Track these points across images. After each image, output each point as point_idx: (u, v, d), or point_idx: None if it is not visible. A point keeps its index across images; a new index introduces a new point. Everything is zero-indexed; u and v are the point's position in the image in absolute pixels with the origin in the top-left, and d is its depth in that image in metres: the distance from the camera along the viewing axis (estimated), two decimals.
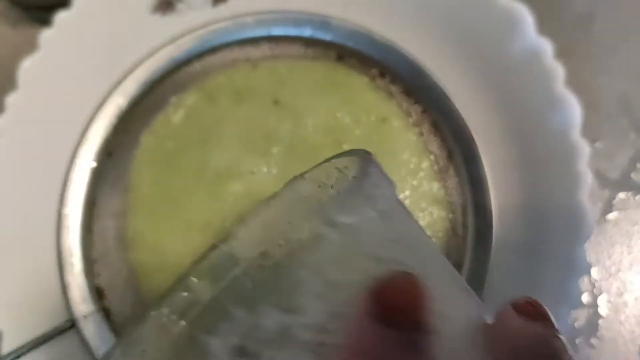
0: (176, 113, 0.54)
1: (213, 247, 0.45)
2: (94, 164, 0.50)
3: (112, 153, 0.52)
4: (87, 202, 0.50)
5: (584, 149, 0.47)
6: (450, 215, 0.51)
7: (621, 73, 0.58)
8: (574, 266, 0.46)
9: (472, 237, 0.48)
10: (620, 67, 0.59)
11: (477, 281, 0.47)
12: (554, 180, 0.48)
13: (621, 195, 0.57)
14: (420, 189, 0.52)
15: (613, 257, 0.55)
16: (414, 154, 0.52)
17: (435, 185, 0.52)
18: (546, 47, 0.49)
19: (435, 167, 0.52)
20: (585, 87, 0.50)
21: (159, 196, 0.53)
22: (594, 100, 0.57)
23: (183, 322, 0.39)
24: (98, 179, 0.51)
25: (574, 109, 0.47)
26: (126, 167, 0.53)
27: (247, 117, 0.54)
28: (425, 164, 0.52)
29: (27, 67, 0.53)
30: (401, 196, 0.51)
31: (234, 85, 0.54)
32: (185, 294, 0.42)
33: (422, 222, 0.51)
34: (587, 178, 0.46)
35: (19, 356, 0.47)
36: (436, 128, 0.51)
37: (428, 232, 0.51)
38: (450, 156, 0.51)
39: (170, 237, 0.52)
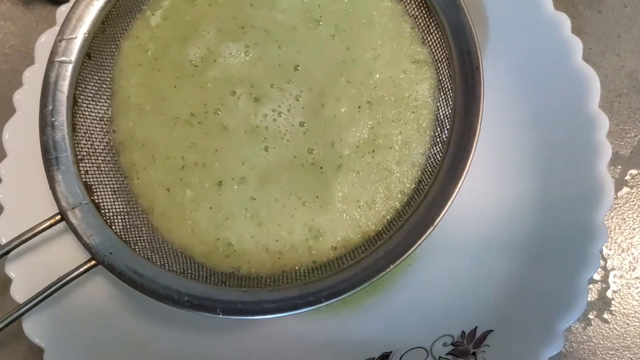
0: (154, 15, 0.50)
1: None
2: (72, 62, 0.45)
3: (91, 55, 0.47)
4: (69, 100, 0.45)
5: (604, 120, 0.44)
6: (436, 72, 0.45)
7: (631, 52, 0.54)
8: (594, 233, 0.43)
9: (460, 85, 0.42)
10: (630, 46, 0.55)
11: (468, 128, 0.41)
12: (573, 151, 0.45)
13: (632, 171, 0.53)
14: (401, 52, 0.46)
15: (625, 233, 0.51)
16: (392, 19, 0.47)
17: (418, 46, 0.46)
18: (564, 20, 0.45)
19: (417, 29, 0.47)
20: (595, 65, 0.47)
21: (144, 97, 0.49)
22: (605, 78, 0.54)
23: None
24: (78, 79, 0.46)
25: (593, 81, 0.44)
26: (109, 73, 0.49)
27: (224, 10, 0.49)
28: (404, 27, 0.47)
29: (44, 42, 0.50)
30: (382, 62, 0.46)
31: None
32: None
33: (405, 83, 0.45)
34: (607, 148, 0.43)
35: (8, 251, 0.43)
36: None
37: (415, 92, 0.45)
38: (430, 13, 0.45)
39: (158, 134, 0.48)
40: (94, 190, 0.45)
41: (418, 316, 0.47)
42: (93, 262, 0.42)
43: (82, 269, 0.42)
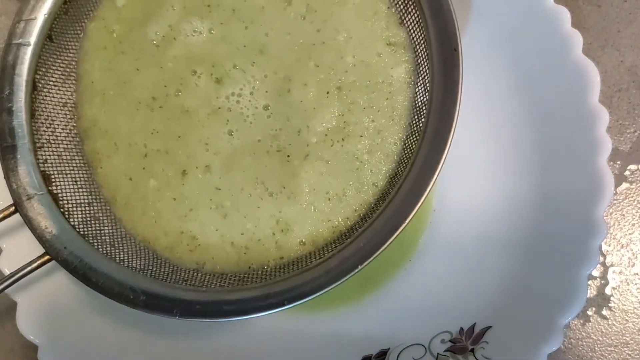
0: None
1: None
2: (31, 45, 0.41)
3: (53, 37, 0.43)
4: (28, 85, 0.41)
5: (604, 114, 0.42)
6: (413, 55, 0.40)
7: (631, 47, 0.52)
8: (594, 228, 0.41)
9: (438, 67, 0.38)
10: (629, 41, 0.52)
11: (446, 115, 0.36)
12: (573, 146, 0.43)
13: (632, 167, 0.50)
14: (376, 33, 0.41)
15: (624, 229, 0.49)
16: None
17: (394, 27, 0.41)
18: (565, 14, 0.43)
19: (394, 9, 0.41)
20: (595, 60, 0.44)
21: (108, 81, 0.45)
22: (604, 74, 0.52)
23: None
24: (39, 63, 0.42)
25: (593, 75, 0.42)
26: (73, 56, 0.45)
27: None
28: (380, 6, 0.42)
29: None
30: (355, 44, 0.41)
31: None
32: None
33: (380, 67, 0.40)
34: (607, 143, 0.42)
35: None
36: None
37: (390, 77, 0.40)
38: None
39: (121, 119, 0.44)
40: (53, 180, 0.41)
41: (416, 313, 0.46)
42: (47, 257, 0.38)
43: (34, 265, 0.39)
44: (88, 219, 0.41)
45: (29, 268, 0.38)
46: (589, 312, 0.48)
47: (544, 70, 0.45)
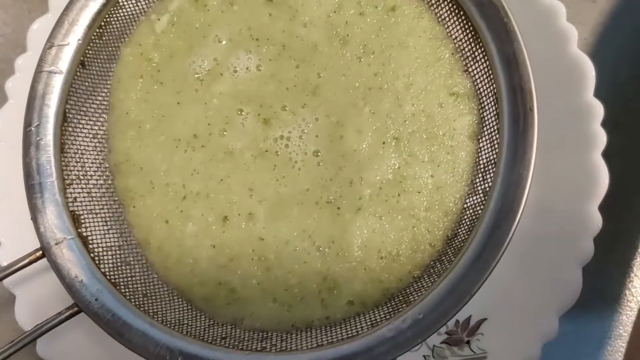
0: (160, 20, 0.41)
1: None
2: (63, 72, 0.37)
3: (86, 64, 0.38)
4: (58, 117, 0.37)
5: (599, 109, 0.40)
6: (478, 108, 0.36)
7: (626, 42, 0.49)
8: (588, 222, 0.39)
9: (509, 124, 0.33)
10: (625, 37, 0.49)
11: (517, 180, 0.32)
12: (568, 140, 0.40)
13: None
14: (438, 81, 0.37)
15: None
16: (430, 44, 0.38)
17: (458, 76, 0.37)
18: (560, 8, 0.41)
19: (458, 55, 0.37)
20: (590, 55, 0.42)
21: (144, 113, 0.40)
22: (599, 69, 0.48)
23: None
24: (70, 92, 0.38)
25: (588, 70, 0.40)
26: (105, 84, 0.41)
27: (238, 18, 0.40)
28: (445, 53, 0.38)
29: (36, 29, 0.44)
30: (415, 92, 0.37)
31: None
32: None
33: (441, 119, 0.36)
34: (602, 137, 0.40)
35: None
36: (458, 6, 0.36)
37: (452, 130, 0.36)
38: (477, 37, 0.36)
39: (157, 157, 0.40)
40: (82, 220, 0.37)
41: None
42: (77, 309, 0.34)
43: (63, 316, 0.34)
44: (119, 264, 0.37)
45: (54, 321, 0.34)
46: (584, 305, 0.45)
47: (539, 65, 0.40)
